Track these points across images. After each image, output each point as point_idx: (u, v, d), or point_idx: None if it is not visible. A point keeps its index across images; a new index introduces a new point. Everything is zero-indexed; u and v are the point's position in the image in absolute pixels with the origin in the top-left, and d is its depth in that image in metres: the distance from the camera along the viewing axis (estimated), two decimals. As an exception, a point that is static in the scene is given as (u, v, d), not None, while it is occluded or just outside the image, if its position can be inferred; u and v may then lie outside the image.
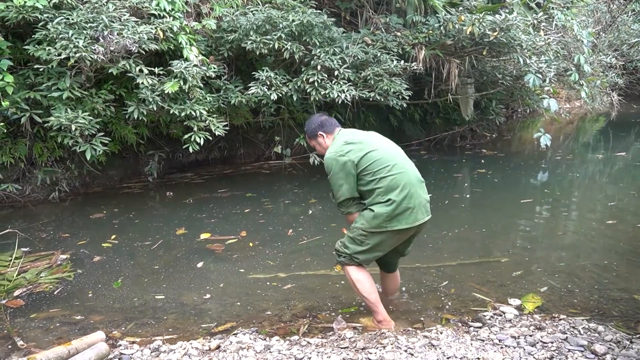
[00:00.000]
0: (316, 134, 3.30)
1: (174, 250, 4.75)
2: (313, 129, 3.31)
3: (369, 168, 3.00)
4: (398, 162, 3.07)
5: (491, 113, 10.18)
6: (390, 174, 2.99)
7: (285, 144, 8.13)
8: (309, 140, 3.39)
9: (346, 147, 3.07)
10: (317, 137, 3.30)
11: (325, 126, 3.28)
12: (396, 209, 2.96)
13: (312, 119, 3.36)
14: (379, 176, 2.99)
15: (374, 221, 2.98)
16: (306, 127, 3.39)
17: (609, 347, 2.76)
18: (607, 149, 9.82)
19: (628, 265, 4.17)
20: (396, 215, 2.97)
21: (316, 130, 3.30)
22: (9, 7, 5.22)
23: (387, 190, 2.97)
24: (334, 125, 3.29)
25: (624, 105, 14.65)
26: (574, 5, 9.88)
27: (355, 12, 8.15)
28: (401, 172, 3.02)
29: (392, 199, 2.95)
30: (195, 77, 5.79)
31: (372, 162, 3.01)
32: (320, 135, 3.29)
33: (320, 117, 3.34)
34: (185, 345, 2.97)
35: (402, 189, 2.97)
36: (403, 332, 3.11)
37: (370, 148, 3.06)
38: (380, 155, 3.05)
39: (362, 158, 3.01)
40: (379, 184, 2.98)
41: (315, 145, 3.35)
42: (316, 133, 3.30)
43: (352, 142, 3.09)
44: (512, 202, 6.32)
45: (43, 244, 4.88)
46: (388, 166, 3.01)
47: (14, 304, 3.68)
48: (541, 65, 7.70)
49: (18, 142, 5.93)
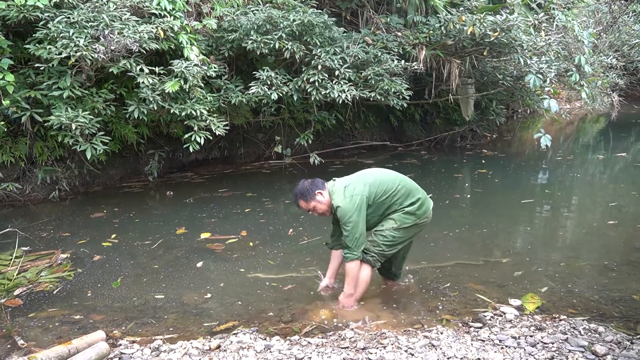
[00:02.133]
0: (314, 194, 3.39)
1: (174, 249, 4.74)
2: (308, 192, 3.39)
3: (380, 192, 3.36)
4: (397, 176, 3.47)
5: (491, 113, 10.18)
6: (400, 185, 3.41)
7: (285, 143, 8.13)
8: (307, 205, 3.42)
9: (350, 189, 3.33)
10: (316, 197, 3.39)
11: (317, 185, 3.42)
12: (422, 206, 3.42)
13: (301, 187, 3.43)
14: (393, 190, 3.37)
15: (410, 217, 3.39)
16: (299, 196, 3.43)
17: (609, 348, 2.76)
18: (608, 150, 9.82)
19: (628, 265, 4.17)
20: (423, 211, 3.43)
21: (313, 191, 3.39)
22: (10, 6, 5.22)
23: (410, 195, 3.41)
24: (321, 181, 3.47)
25: (625, 106, 14.62)
26: (574, 6, 9.89)
27: (356, 12, 8.15)
28: (406, 181, 3.46)
29: (419, 197, 3.43)
30: (196, 76, 5.79)
31: (378, 186, 3.36)
32: (318, 194, 3.39)
33: (305, 181, 3.46)
34: (185, 345, 2.97)
35: (417, 191, 3.46)
36: (403, 332, 3.12)
37: (369, 179, 3.40)
38: (381, 178, 3.42)
39: (370, 188, 3.34)
40: (398, 195, 3.38)
41: (316, 206, 3.40)
42: (314, 193, 3.39)
43: (351, 184, 3.37)
44: (512, 202, 6.32)
45: (43, 243, 4.88)
46: (395, 181, 3.42)
47: (12, 303, 3.68)
48: (542, 65, 7.70)
49: (18, 141, 5.92)
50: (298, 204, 3.47)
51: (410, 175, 3.68)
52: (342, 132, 9.38)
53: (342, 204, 3.27)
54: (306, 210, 3.47)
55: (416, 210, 3.39)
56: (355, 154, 9.08)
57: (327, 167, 7.87)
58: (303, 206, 3.45)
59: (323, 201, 3.38)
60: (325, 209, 3.40)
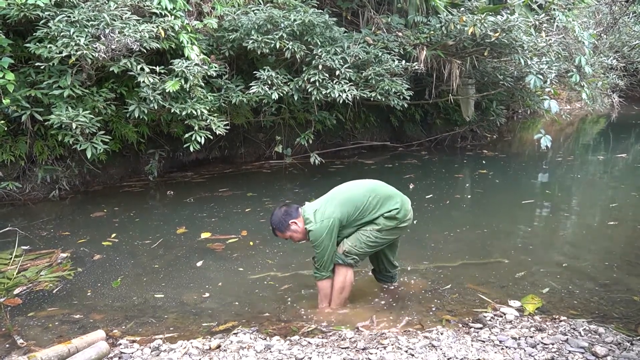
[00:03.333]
0: (288, 224, 3.37)
1: (175, 249, 4.74)
2: (282, 222, 3.38)
3: (352, 210, 3.33)
4: (367, 189, 3.42)
5: (492, 114, 10.17)
6: (371, 197, 3.36)
7: (286, 143, 8.13)
8: (284, 235, 3.43)
9: (319, 213, 3.31)
10: (291, 226, 3.37)
11: (291, 214, 3.39)
12: (400, 210, 3.38)
13: (275, 216, 3.41)
14: (365, 206, 3.34)
15: (391, 221, 3.36)
16: (274, 225, 3.42)
17: (609, 349, 2.75)
18: (608, 151, 9.82)
19: (629, 266, 4.17)
20: (403, 215, 3.39)
21: (287, 221, 3.37)
22: (10, 4, 5.22)
23: (388, 201, 3.39)
24: (295, 208, 3.43)
25: (625, 107, 14.62)
26: (575, 7, 9.88)
27: (356, 12, 8.15)
28: (377, 190, 3.42)
29: (397, 202, 3.39)
30: (197, 76, 5.79)
31: (350, 205, 3.33)
32: (292, 223, 3.37)
33: (279, 209, 3.43)
34: (185, 345, 2.97)
35: (393, 197, 3.42)
36: (404, 332, 3.11)
37: (339, 199, 3.37)
38: (351, 196, 3.38)
39: (341, 210, 3.30)
40: (370, 208, 3.35)
41: (292, 235, 3.40)
42: (288, 223, 3.37)
43: (321, 206, 3.35)
44: (513, 203, 6.31)
45: (43, 242, 4.88)
46: (365, 196, 3.37)
47: (11, 302, 3.68)
48: (542, 66, 7.70)
49: (18, 140, 5.92)
50: (275, 234, 3.48)
51: (410, 175, 3.68)
52: (343, 132, 9.37)
53: (313, 228, 3.27)
54: (284, 239, 3.50)
55: (396, 214, 3.37)
56: (355, 154, 9.08)
57: (327, 167, 7.87)
58: (280, 236, 3.47)
59: (298, 230, 3.37)
60: (301, 237, 3.40)
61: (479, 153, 9.29)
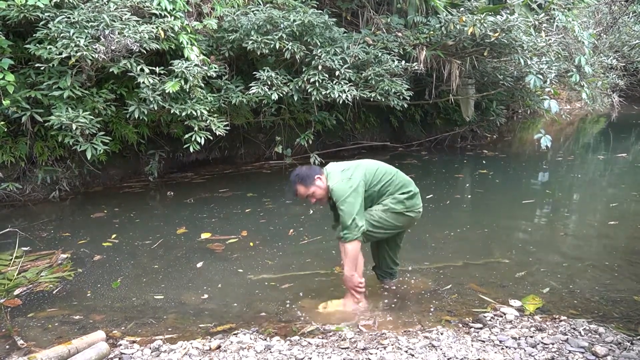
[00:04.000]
0: (313, 179, 3.37)
1: (175, 249, 4.74)
2: (308, 177, 3.37)
3: (376, 179, 3.38)
4: (392, 169, 3.49)
5: (492, 114, 10.17)
6: (395, 176, 3.44)
7: (285, 144, 8.13)
8: (307, 191, 3.38)
9: (347, 172, 3.35)
10: (315, 181, 3.38)
11: (314, 170, 3.44)
12: (412, 198, 3.43)
13: (299, 172, 3.42)
14: (388, 180, 3.40)
15: (398, 205, 3.38)
16: (299, 181, 3.39)
17: (609, 349, 2.75)
18: (608, 150, 9.82)
19: (629, 266, 4.17)
20: (412, 203, 3.44)
21: (312, 176, 3.38)
22: (10, 6, 5.22)
23: (403, 186, 3.43)
24: (317, 166, 3.52)
25: (625, 107, 14.63)
26: (575, 7, 9.88)
27: (356, 13, 8.15)
28: (400, 174, 3.50)
29: (411, 190, 3.45)
30: (196, 76, 5.79)
31: (375, 173, 3.39)
32: (317, 178, 3.38)
33: (301, 168, 3.45)
34: (185, 345, 2.96)
35: (411, 184, 3.49)
36: (404, 332, 3.11)
37: (366, 166, 3.42)
38: (377, 166, 3.45)
39: (365, 174, 3.35)
40: (392, 185, 3.40)
41: (315, 191, 3.38)
42: (313, 178, 3.37)
43: (348, 168, 3.38)
44: (513, 202, 6.31)
45: (43, 243, 4.88)
46: (390, 172, 3.45)
47: (12, 303, 3.68)
48: (542, 66, 7.70)
49: (19, 141, 5.92)
50: (296, 189, 3.41)
51: (411, 175, 3.67)
52: (343, 132, 9.37)
53: (337, 184, 3.27)
54: (304, 196, 3.42)
55: (405, 199, 3.39)
56: (355, 155, 9.07)
57: (327, 167, 7.86)
58: (302, 192, 3.40)
59: (322, 186, 3.37)
60: (324, 194, 3.39)
61: (479, 153, 9.29)
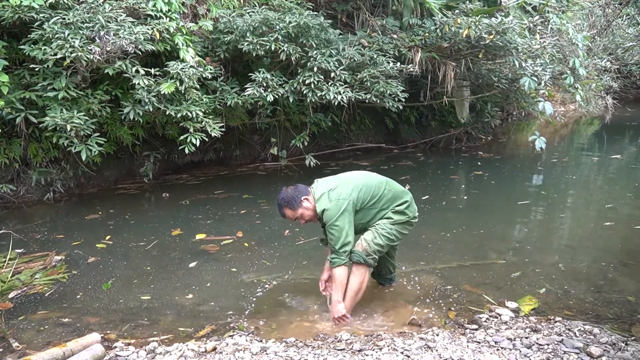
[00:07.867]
0: (300, 201, 3.29)
1: (169, 251, 4.72)
2: (294, 200, 3.28)
3: (367, 197, 3.29)
4: (381, 181, 3.42)
5: (486, 116, 10.22)
6: (386, 189, 3.36)
7: (281, 145, 8.13)
8: (295, 213, 3.31)
9: (335, 192, 3.25)
10: (302, 203, 3.29)
11: (301, 191, 3.32)
12: (410, 206, 3.41)
13: (284, 195, 3.32)
14: (380, 194, 3.33)
15: (402, 216, 3.37)
16: (285, 204, 3.30)
17: (604, 350, 2.76)
18: (602, 152, 9.87)
19: (624, 267, 4.19)
20: (412, 210, 3.43)
21: (299, 198, 3.29)
22: (4, 6, 5.19)
23: (398, 198, 3.38)
24: (304, 187, 3.37)
25: (619, 109, 14.73)
26: (569, 9, 9.94)
27: (351, 14, 8.16)
28: (391, 184, 3.43)
29: (406, 199, 3.41)
30: (192, 78, 5.77)
31: (365, 192, 3.30)
32: (304, 200, 3.30)
33: (287, 189, 3.36)
34: (181, 347, 2.95)
35: (404, 193, 3.44)
36: (399, 334, 3.11)
37: (355, 182, 3.32)
38: (366, 183, 3.34)
39: (357, 192, 3.27)
40: (384, 199, 3.33)
41: (304, 213, 3.30)
42: (300, 200, 3.29)
43: (337, 186, 3.29)
44: (508, 204, 6.33)
45: (37, 245, 4.85)
46: (380, 184, 3.37)
47: (5, 306, 3.64)
48: (536, 68, 7.74)
49: (13, 143, 5.89)
50: (283, 213, 3.34)
51: (406, 177, 3.69)
52: (338, 134, 9.39)
53: (328, 207, 3.19)
54: (292, 219, 3.36)
55: (405, 209, 3.38)
56: (350, 156, 9.09)
57: (322, 169, 7.86)
58: (289, 215, 3.33)
59: (310, 207, 3.29)
60: (312, 215, 3.31)
61: (474, 155, 9.31)
